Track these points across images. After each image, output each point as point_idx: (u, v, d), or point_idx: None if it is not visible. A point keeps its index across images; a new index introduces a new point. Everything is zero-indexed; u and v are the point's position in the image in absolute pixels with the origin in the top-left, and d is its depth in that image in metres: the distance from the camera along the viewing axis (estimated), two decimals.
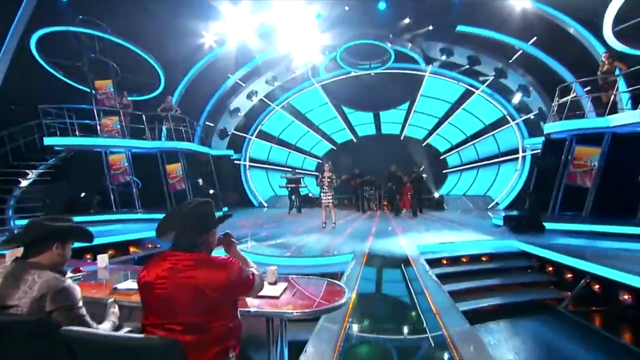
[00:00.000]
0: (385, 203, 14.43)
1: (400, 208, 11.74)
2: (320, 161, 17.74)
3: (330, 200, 8.16)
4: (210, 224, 1.87)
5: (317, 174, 17.45)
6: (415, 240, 6.90)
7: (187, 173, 11.90)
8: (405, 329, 3.32)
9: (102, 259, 3.11)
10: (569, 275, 5.66)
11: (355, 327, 3.30)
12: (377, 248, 6.17)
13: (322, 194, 8.16)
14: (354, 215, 12.25)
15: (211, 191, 12.87)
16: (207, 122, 14.74)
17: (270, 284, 2.41)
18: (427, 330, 3.19)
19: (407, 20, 12.60)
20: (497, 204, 14.21)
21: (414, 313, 3.68)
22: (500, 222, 8.54)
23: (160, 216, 1.98)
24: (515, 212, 9.62)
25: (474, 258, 6.21)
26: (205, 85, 13.90)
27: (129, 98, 11.82)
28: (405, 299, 4.03)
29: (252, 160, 16.64)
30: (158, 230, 1.87)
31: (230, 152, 15.40)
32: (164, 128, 12.16)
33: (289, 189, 13.09)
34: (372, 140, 16.75)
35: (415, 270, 4.96)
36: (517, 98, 13.04)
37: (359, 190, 13.18)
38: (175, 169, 11.94)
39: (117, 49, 11.42)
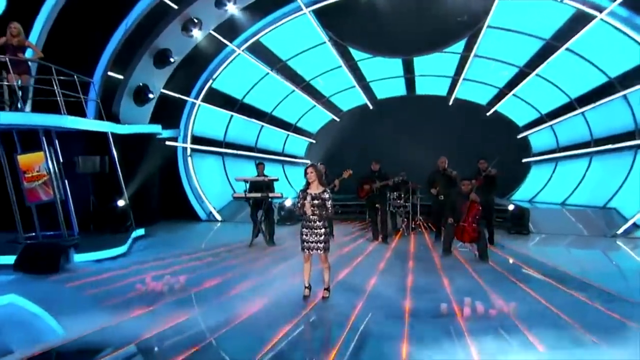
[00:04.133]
0: (422, 220, 12.98)
1: (453, 239, 8.31)
2: (313, 141, 17.13)
3: (322, 242, 5.85)
4: None
5: (307, 161, 15.37)
6: None
7: (60, 170, 10.12)
8: None
9: None
10: None
11: None
12: None
13: (304, 229, 5.93)
14: (367, 251, 9.29)
15: (120, 202, 11.35)
16: (109, 74, 12.53)
17: None
18: None
19: None
20: (634, 225, 11.46)
21: None
22: None
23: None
24: None
25: None
26: (101, 7, 11.70)
27: None
28: None
29: (197, 140, 15.28)
30: None
31: (157, 127, 13.33)
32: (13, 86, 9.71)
33: (252, 201, 9.86)
34: (400, 107, 16.26)
35: None
36: None
37: (377, 200, 10.06)
38: (35, 162, 10.08)
39: None
